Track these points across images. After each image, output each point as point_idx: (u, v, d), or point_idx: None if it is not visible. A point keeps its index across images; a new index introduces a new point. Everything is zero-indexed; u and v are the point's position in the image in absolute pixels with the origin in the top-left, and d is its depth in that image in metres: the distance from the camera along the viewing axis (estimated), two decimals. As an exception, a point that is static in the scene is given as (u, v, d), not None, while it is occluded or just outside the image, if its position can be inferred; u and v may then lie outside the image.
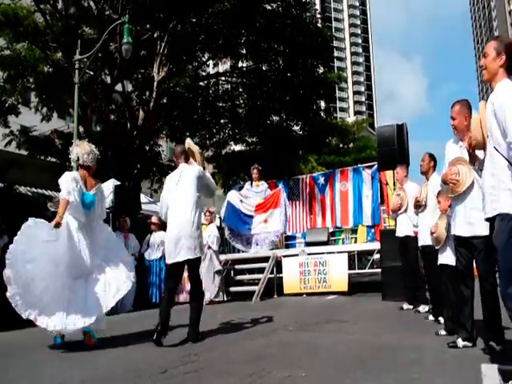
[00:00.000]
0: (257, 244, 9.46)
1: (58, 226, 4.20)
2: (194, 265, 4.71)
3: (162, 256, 8.97)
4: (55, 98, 14.62)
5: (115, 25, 10.87)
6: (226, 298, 9.02)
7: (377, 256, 8.99)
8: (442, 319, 4.72)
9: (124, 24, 10.27)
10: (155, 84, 13.83)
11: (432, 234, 4.32)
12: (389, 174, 9.04)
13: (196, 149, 5.09)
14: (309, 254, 8.99)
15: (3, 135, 14.95)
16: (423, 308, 5.95)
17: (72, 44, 11.63)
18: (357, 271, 10.05)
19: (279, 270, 9.09)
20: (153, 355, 3.94)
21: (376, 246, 8.50)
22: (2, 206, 4.82)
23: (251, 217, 9.52)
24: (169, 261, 4.62)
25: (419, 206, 5.03)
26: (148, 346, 4.38)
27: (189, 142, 5.13)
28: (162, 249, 8.98)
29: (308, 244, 9.81)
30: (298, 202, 10.84)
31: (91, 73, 13.83)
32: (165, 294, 4.80)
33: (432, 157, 5.03)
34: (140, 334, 5.23)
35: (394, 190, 7.96)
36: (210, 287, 8.59)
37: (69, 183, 4.37)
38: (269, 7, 15.25)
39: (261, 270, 9.14)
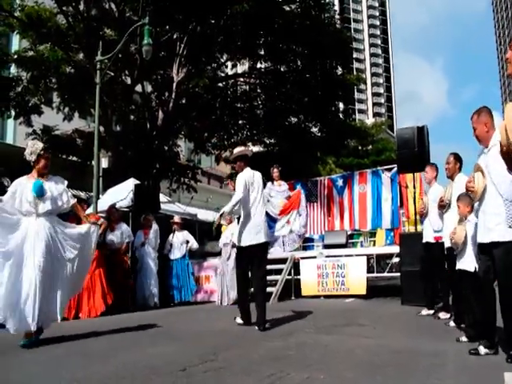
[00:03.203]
0: (283, 244, 9.71)
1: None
2: (266, 248, 5.47)
3: (185, 255, 9.05)
4: (77, 98, 14.89)
5: (136, 26, 10.98)
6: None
7: (396, 260, 8.89)
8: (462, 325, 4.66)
9: (144, 25, 10.36)
10: (174, 85, 13.98)
11: (451, 239, 4.29)
12: (409, 176, 8.93)
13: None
14: (327, 257, 8.95)
15: (26, 134, 15.26)
16: (444, 315, 5.81)
17: (93, 45, 11.81)
18: (375, 275, 9.95)
19: (297, 272, 9.07)
20: (172, 353, 3.97)
21: (395, 249, 8.40)
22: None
23: (275, 220, 9.79)
24: (246, 243, 5.21)
25: (443, 206, 4.93)
26: (167, 343, 4.42)
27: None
28: (184, 247, 9.05)
29: (326, 246, 9.76)
30: (316, 204, 10.79)
31: (112, 74, 14.03)
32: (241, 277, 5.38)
33: (457, 158, 4.92)
34: (160, 331, 5.28)
35: (415, 193, 7.88)
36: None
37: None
38: (287, 8, 15.23)
39: (278, 272, 9.12)
